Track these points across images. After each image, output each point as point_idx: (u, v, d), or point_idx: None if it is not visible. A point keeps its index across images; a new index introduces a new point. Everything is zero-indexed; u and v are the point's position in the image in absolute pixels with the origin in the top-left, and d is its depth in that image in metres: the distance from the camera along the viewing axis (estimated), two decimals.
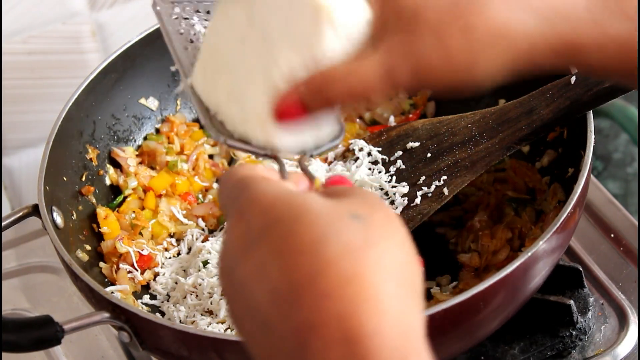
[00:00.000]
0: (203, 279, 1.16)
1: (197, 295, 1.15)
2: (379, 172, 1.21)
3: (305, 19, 0.77)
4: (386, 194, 1.19)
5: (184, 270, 1.20)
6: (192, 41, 0.89)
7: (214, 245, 1.20)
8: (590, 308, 1.17)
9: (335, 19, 0.76)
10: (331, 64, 0.76)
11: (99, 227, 1.22)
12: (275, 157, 0.80)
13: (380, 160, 1.23)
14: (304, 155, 0.81)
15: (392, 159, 1.22)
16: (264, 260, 0.62)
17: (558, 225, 1.00)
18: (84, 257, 1.17)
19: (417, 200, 1.17)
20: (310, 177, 0.75)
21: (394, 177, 1.20)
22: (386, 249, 0.62)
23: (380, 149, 1.24)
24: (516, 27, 0.75)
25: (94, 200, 1.24)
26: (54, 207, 1.13)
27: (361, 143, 1.25)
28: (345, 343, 0.59)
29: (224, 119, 0.82)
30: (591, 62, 0.78)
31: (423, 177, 1.18)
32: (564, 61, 0.78)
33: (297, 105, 0.76)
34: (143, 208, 1.26)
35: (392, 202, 1.18)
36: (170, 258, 1.22)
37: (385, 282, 0.61)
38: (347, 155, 1.27)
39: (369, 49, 0.77)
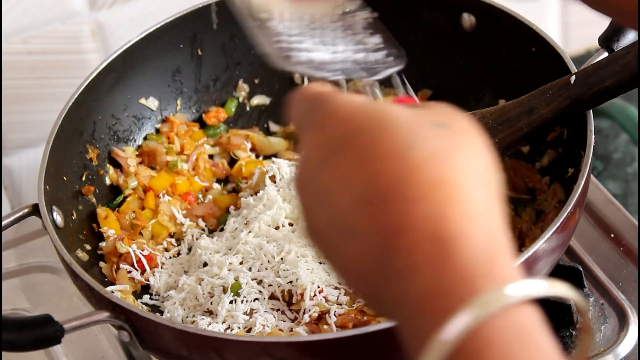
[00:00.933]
0: (203, 279, 1.16)
1: (196, 296, 1.15)
2: None
3: None
4: None
5: (184, 271, 1.20)
6: None
7: (211, 245, 1.20)
8: (590, 308, 1.17)
9: None
10: None
11: (99, 227, 1.22)
12: (334, 82, 0.80)
13: None
14: (364, 79, 0.81)
15: None
16: (348, 168, 0.62)
17: (558, 225, 1.00)
18: (84, 256, 1.17)
19: None
20: (377, 98, 0.75)
21: None
22: (470, 154, 0.63)
23: None
24: None
25: (94, 200, 1.24)
26: (54, 207, 1.13)
27: None
28: (434, 242, 0.59)
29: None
30: None
31: None
32: None
33: None
34: (143, 208, 1.26)
35: None
36: (170, 258, 1.22)
37: (472, 185, 0.62)
38: None
39: None
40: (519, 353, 0.57)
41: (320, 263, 1.15)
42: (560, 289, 0.60)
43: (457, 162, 0.62)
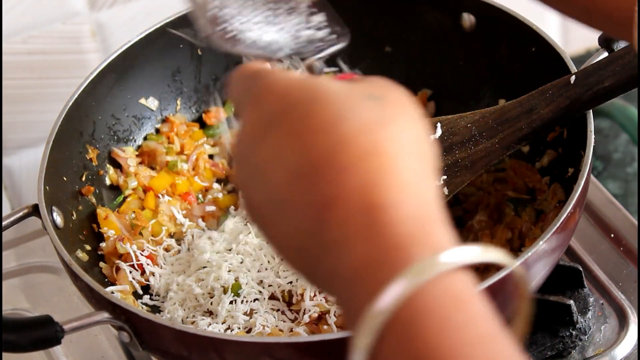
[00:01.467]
0: (203, 279, 1.16)
1: (196, 297, 1.15)
2: None
3: None
4: None
5: (184, 271, 1.20)
6: None
7: (211, 245, 1.20)
8: (590, 308, 1.17)
9: None
10: None
11: (99, 227, 1.22)
12: (278, 60, 0.80)
13: None
14: (309, 58, 0.81)
15: None
16: (282, 142, 0.63)
17: (558, 225, 1.00)
18: (84, 257, 1.17)
19: None
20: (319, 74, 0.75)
21: None
22: (403, 125, 0.63)
23: None
24: None
25: (94, 200, 1.24)
26: (54, 207, 1.13)
27: None
28: (366, 212, 0.59)
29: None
30: None
31: None
32: None
33: None
34: (143, 208, 1.26)
35: None
36: (170, 258, 1.22)
37: (404, 155, 0.62)
38: None
39: None
40: (455, 318, 0.57)
41: None
42: (494, 255, 0.60)
43: (390, 133, 0.62)
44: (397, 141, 0.62)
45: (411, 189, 0.61)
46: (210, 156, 1.33)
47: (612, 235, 1.26)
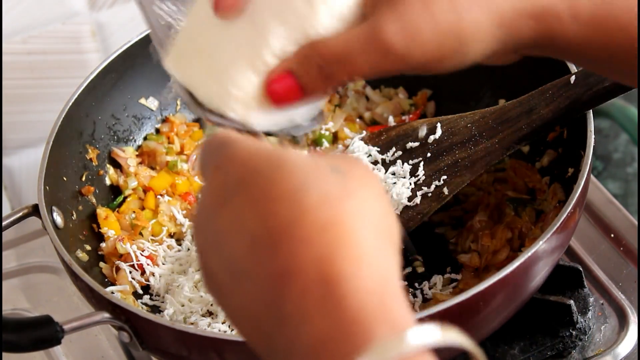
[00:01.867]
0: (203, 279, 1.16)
1: (196, 297, 1.15)
2: (379, 172, 1.21)
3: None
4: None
5: (184, 271, 1.20)
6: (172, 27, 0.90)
7: None
8: (590, 308, 1.17)
9: None
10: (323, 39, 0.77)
11: (99, 227, 1.22)
12: (255, 134, 0.80)
13: (380, 161, 1.23)
14: (284, 135, 0.81)
15: (391, 159, 1.22)
16: (241, 210, 0.62)
17: (558, 225, 1.00)
18: (84, 257, 1.17)
19: (417, 200, 1.17)
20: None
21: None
22: (365, 200, 0.62)
23: (379, 149, 1.24)
24: None
25: (94, 200, 1.24)
26: (54, 207, 1.13)
27: (360, 143, 1.24)
28: (323, 286, 0.58)
29: (202, 99, 0.82)
30: (569, 36, 0.79)
31: (423, 177, 1.18)
32: (544, 33, 0.79)
33: (293, 83, 0.77)
34: (143, 208, 1.26)
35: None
36: (170, 258, 1.22)
37: (364, 229, 0.61)
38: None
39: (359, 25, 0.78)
40: None
41: None
42: (455, 337, 0.58)
43: (350, 206, 0.61)
44: (356, 214, 0.61)
45: (368, 262, 0.60)
46: None
47: (612, 235, 1.26)
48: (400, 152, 1.22)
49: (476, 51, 0.79)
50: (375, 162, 1.23)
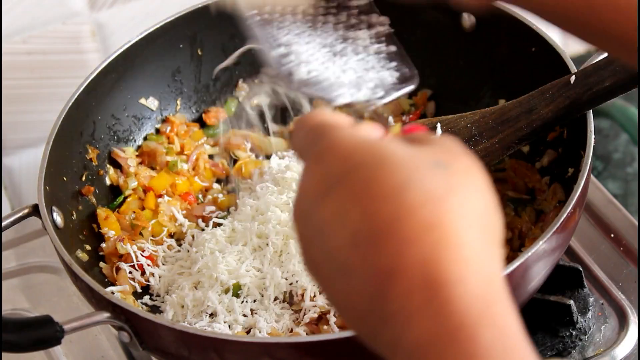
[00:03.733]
0: (203, 279, 1.16)
1: (196, 297, 1.15)
2: None
3: None
4: None
5: (184, 271, 1.20)
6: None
7: (211, 245, 1.20)
8: (590, 308, 1.17)
9: None
10: None
11: (99, 227, 1.22)
12: (345, 106, 0.79)
13: None
14: (374, 102, 0.80)
15: None
16: (345, 204, 0.62)
17: (558, 225, 0.99)
18: (84, 257, 1.17)
19: None
20: (386, 125, 0.74)
21: None
22: (468, 197, 0.62)
23: None
24: None
25: (94, 201, 1.24)
26: (54, 207, 1.13)
27: None
28: (428, 288, 0.58)
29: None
30: None
31: None
32: None
33: None
34: (143, 208, 1.26)
35: None
36: (171, 258, 1.22)
37: (468, 229, 0.61)
38: None
39: None
40: None
41: None
42: None
43: (454, 204, 0.61)
44: (460, 213, 0.61)
45: (474, 264, 0.60)
46: (210, 156, 1.33)
47: (612, 235, 1.26)
48: None
49: None
50: None
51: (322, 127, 0.67)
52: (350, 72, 0.83)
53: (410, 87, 0.83)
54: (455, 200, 0.61)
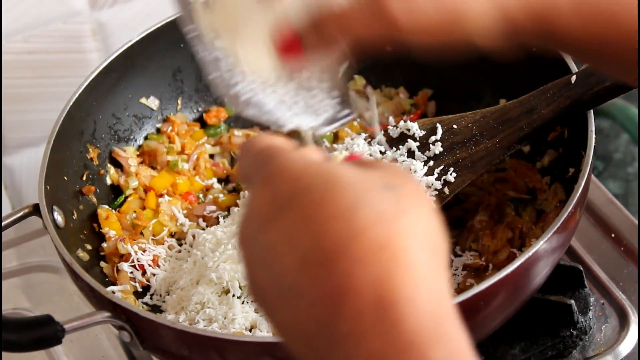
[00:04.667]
0: (203, 279, 1.16)
1: (197, 297, 1.15)
2: None
3: None
4: None
5: (185, 271, 1.20)
6: None
7: (212, 244, 1.20)
8: (591, 308, 1.17)
9: None
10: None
11: (99, 227, 1.22)
12: (290, 133, 0.80)
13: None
14: (316, 130, 0.81)
15: (391, 159, 1.22)
16: (294, 226, 0.61)
17: (559, 225, 1.00)
18: (85, 256, 1.17)
19: None
20: (328, 153, 0.75)
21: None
22: (418, 218, 0.62)
23: (380, 149, 1.24)
24: None
25: (94, 200, 1.24)
26: (54, 207, 1.13)
27: (361, 142, 1.24)
28: (379, 308, 0.58)
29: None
30: (570, 31, 0.80)
31: (423, 177, 1.18)
32: (545, 26, 0.80)
33: (295, 37, 0.81)
34: (144, 208, 1.26)
35: None
36: (171, 257, 1.22)
37: (419, 249, 0.61)
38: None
39: None
40: None
41: None
42: None
43: (404, 225, 0.61)
44: (410, 234, 0.61)
45: (424, 284, 0.60)
46: (211, 156, 1.34)
47: (613, 235, 1.26)
48: (401, 152, 1.22)
49: (478, 39, 0.79)
50: None
51: (269, 150, 0.67)
52: (295, 98, 0.84)
53: (351, 117, 0.85)
54: (405, 222, 0.61)
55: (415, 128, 1.22)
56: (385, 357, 0.57)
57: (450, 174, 1.16)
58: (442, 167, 1.18)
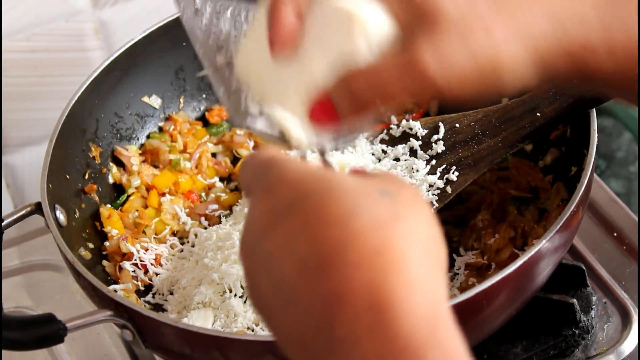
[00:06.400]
0: (206, 278, 1.16)
1: (199, 296, 1.15)
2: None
3: (339, 30, 0.77)
4: None
5: (187, 269, 1.20)
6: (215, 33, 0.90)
7: (213, 243, 1.20)
8: (593, 307, 1.17)
9: (369, 29, 0.77)
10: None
11: (102, 225, 1.22)
12: (295, 147, 0.80)
13: (382, 159, 1.23)
14: (323, 147, 0.82)
15: (394, 157, 1.22)
16: (292, 233, 0.62)
17: (561, 223, 0.99)
18: (87, 255, 1.17)
19: None
20: (330, 166, 0.76)
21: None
22: (414, 223, 0.63)
23: (383, 148, 1.24)
24: (533, 28, 0.76)
25: (97, 199, 1.24)
26: (56, 205, 1.13)
27: (362, 142, 1.25)
28: (375, 311, 0.59)
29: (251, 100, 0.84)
30: (604, 70, 0.78)
31: (426, 176, 1.18)
32: (579, 67, 0.78)
33: (330, 108, 0.77)
34: (146, 206, 1.26)
35: None
36: (174, 256, 1.22)
37: (415, 254, 0.61)
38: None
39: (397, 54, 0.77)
40: None
41: None
42: None
43: (400, 230, 0.62)
44: (406, 239, 0.62)
45: (419, 287, 0.60)
46: (213, 154, 1.33)
47: (615, 234, 1.26)
48: (403, 151, 1.22)
49: (513, 85, 0.77)
50: (378, 160, 1.23)
51: (270, 162, 0.68)
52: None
53: (358, 135, 0.84)
54: (401, 227, 0.62)
55: (417, 127, 1.22)
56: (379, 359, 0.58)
57: (453, 173, 1.16)
58: (444, 166, 1.18)
